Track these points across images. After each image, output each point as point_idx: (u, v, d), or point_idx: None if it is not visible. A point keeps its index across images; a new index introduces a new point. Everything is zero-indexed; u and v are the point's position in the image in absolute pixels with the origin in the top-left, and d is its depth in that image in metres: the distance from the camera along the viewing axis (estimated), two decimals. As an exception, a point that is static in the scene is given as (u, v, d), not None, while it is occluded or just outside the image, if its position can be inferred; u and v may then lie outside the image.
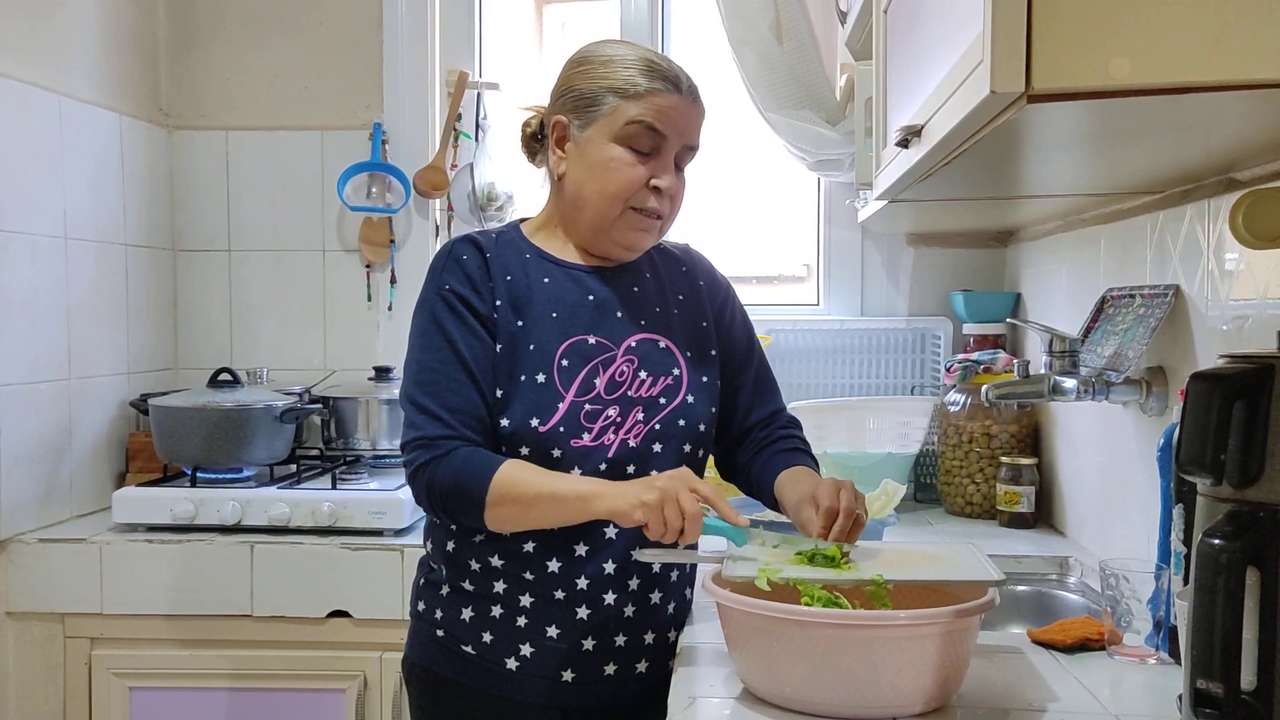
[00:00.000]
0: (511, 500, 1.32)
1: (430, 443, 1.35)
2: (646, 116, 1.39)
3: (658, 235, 1.49)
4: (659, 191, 1.42)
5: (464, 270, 1.42)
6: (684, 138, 1.43)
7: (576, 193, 1.44)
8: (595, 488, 1.30)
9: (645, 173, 1.41)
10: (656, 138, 1.41)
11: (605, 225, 1.44)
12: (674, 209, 1.47)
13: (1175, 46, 0.87)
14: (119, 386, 2.48)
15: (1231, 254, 1.39)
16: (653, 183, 1.41)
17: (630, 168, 1.40)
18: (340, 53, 2.68)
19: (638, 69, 1.41)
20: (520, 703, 1.41)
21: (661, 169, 1.42)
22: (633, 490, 1.28)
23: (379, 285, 2.70)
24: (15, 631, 2.14)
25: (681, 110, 1.41)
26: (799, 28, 2.51)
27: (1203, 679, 0.92)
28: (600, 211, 1.43)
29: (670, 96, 1.40)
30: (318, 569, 2.09)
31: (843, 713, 1.12)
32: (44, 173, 2.22)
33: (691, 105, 1.43)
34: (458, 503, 1.33)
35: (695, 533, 1.25)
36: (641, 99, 1.39)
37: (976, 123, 1.02)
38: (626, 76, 1.40)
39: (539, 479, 1.33)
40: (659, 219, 1.45)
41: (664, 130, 1.40)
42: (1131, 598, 1.31)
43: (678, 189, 1.46)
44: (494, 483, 1.31)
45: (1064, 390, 1.66)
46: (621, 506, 1.27)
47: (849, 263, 2.69)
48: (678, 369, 1.47)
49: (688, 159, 1.47)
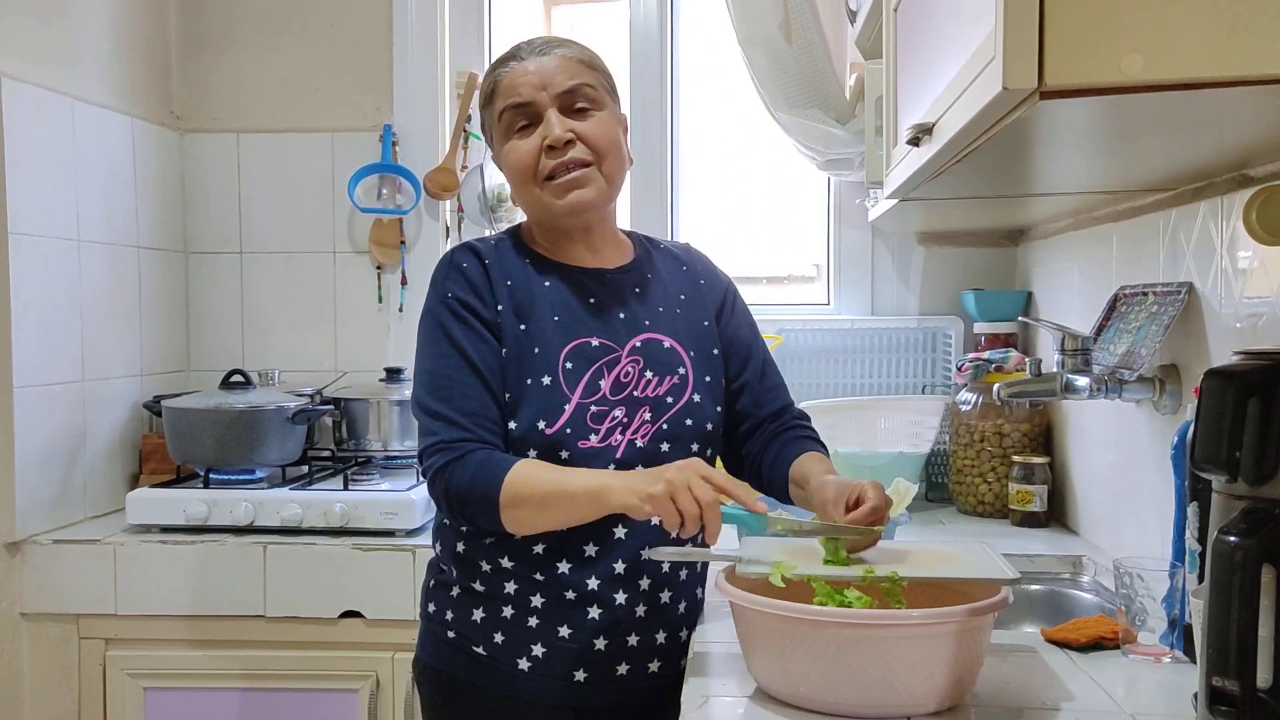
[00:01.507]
0: (525, 501, 1.31)
1: (447, 446, 1.35)
2: (508, 100, 1.42)
3: (595, 183, 1.42)
4: (552, 148, 1.40)
5: (465, 277, 1.42)
6: (548, 89, 1.41)
7: (516, 198, 1.49)
8: (605, 481, 1.30)
9: (535, 142, 1.41)
10: (523, 110, 1.42)
11: (539, 209, 1.45)
12: (595, 149, 1.41)
13: (1188, 42, 0.87)
14: (132, 388, 2.49)
15: (1245, 251, 1.38)
16: (546, 143, 1.40)
17: (520, 148, 1.42)
18: (350, 55, 2.69)
19: (493, 71, 1.46)
20: (533, 703, 1.41)
21: (544, 128, 1.41)
22: (640, 482, 1.27)
23: (390, 287, 2.70)
24: (30, 632, 2.15)
25: (528, 70, 1.42)
26: (808, 27, 2.51)
27: (1218, 677, 0.92)
28: (528, 201, 1.45)
29: (511, 69, 1.43)
30: (330, 570, 2.10)
31: (856, 712, 1.12)
32: (57, 176, 2.23)
33: (541, 60, 1.42)
34: (475, 506, 1.33)
35: (715, 520, 1.22)
36: (498, 91, 1.44)
37: (988, 120, 1.02)
38: (486, 85, 1.46)
39: (549, 477, 1.33)
40: (576, 170, 1.41)
41: (522, 98, 1.41)
42: (1146, 596, 1.30)
43: (588, 130, 1.41)
44: (507, 483, 1.31)
45: (1076, 388, 1.65)
46: (630, 500, 1.26)
47: (859, 262, 2.69)
48: (683, 368, 1.47)
49: (580, 99, 1.42)
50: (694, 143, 2.79)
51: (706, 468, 1.26)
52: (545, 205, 1.43)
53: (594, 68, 1.46)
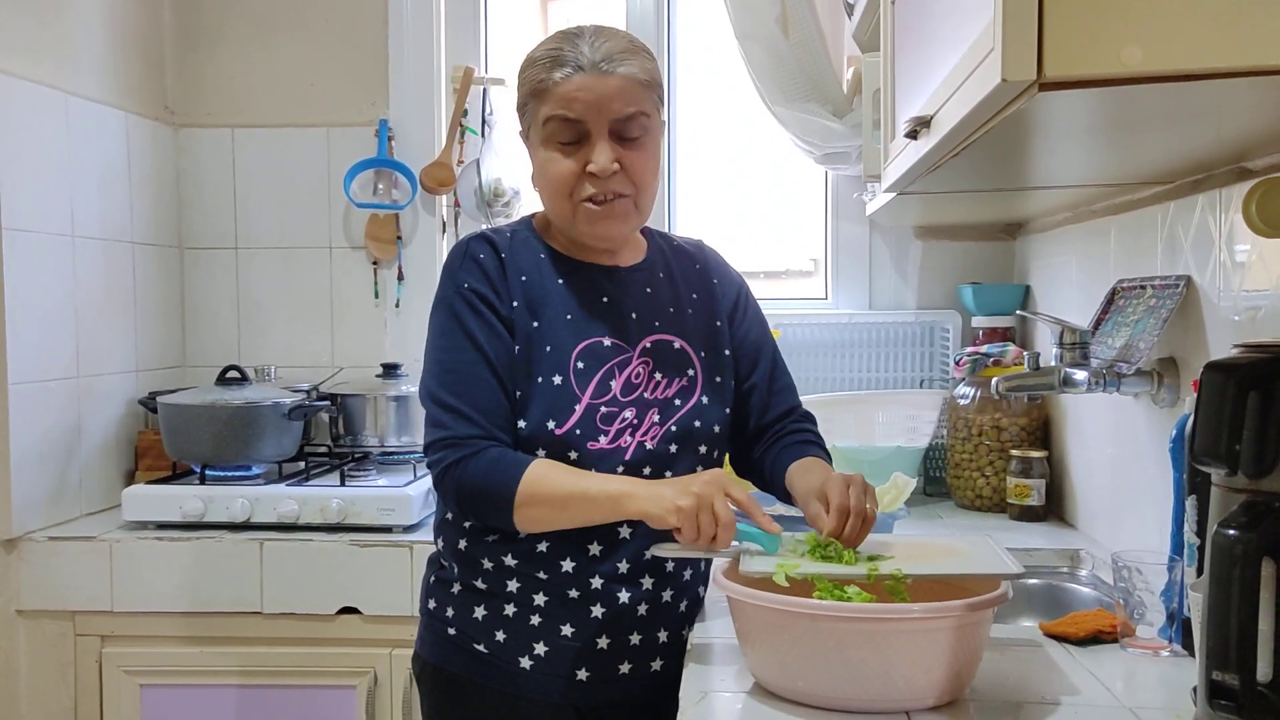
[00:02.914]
0: (542, 500, 1.30)
1: (460, 442, 1.33)
2: (558, 109, 1.34)
3: (628, 217, 1.41)
4: (595, 176, 1.35)
5: (481, 269, 1.40)
6: (605, 114, 1.34)
7: (541, 198, 1.44)
8: (627, 487, 1.29)
9: (577, 164, 1.36)
10: (575, 125, 1.35)
11: (568, 224, 1.41)
12: (635, 183, 1.38)
13: (1188, 33, 0.86)
14: (128, 384, 2.49)
15: (1243, 244, 1.38)
16: (588, 169, 1.36)
17: (559, 164, 1.36)
18: (346, 49, 2.68)
19: (545, 63, 1.36)
20: (535, 701, 1.40)
21: (591, 152, 1.35)
22: (668, 493, 1.25)
23: (386, 282, 2.70)
24: (26, 629, 2.14)
25: (590, 87, 1.33)
26: (805, 21, 2.50)
27: (1218, 671, 0.92)
28: (557, 212, 1.41)
29: (574, 79, 1.33)
30: (327, 566, 2.09)
31: (855, 706, 1.12)
32: (51, 171, 2.22)
33: (602, 78, 1.34)
34: (487, 503, 1.32)
35: (727, 540, 1.23)
36: (549, 94, 1.35)
37: (987, 112, 1.01)
38: (534, 76, 1.37)
39: (569, 478, 1.31)
40: (614, 199, 1.37)
41: (577, 115, 1.34)
42: (1144, 590, 1.30)
43: (632, 161, 1.37)
44: (524, 482, 1.30)
45: (1075, 382, 1.65)
46: (655, 510, 1.25)
47: (857, 256, 2.68)
48: (692, 370, 1.46)
49: (634, 128, 1.37)
50: (691, 137, 2.78)
51: (730, 483, 1.25)
52: (574, 222, 1.40)
53: (652, 85, 1.39)
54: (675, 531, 1.24)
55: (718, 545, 1.23)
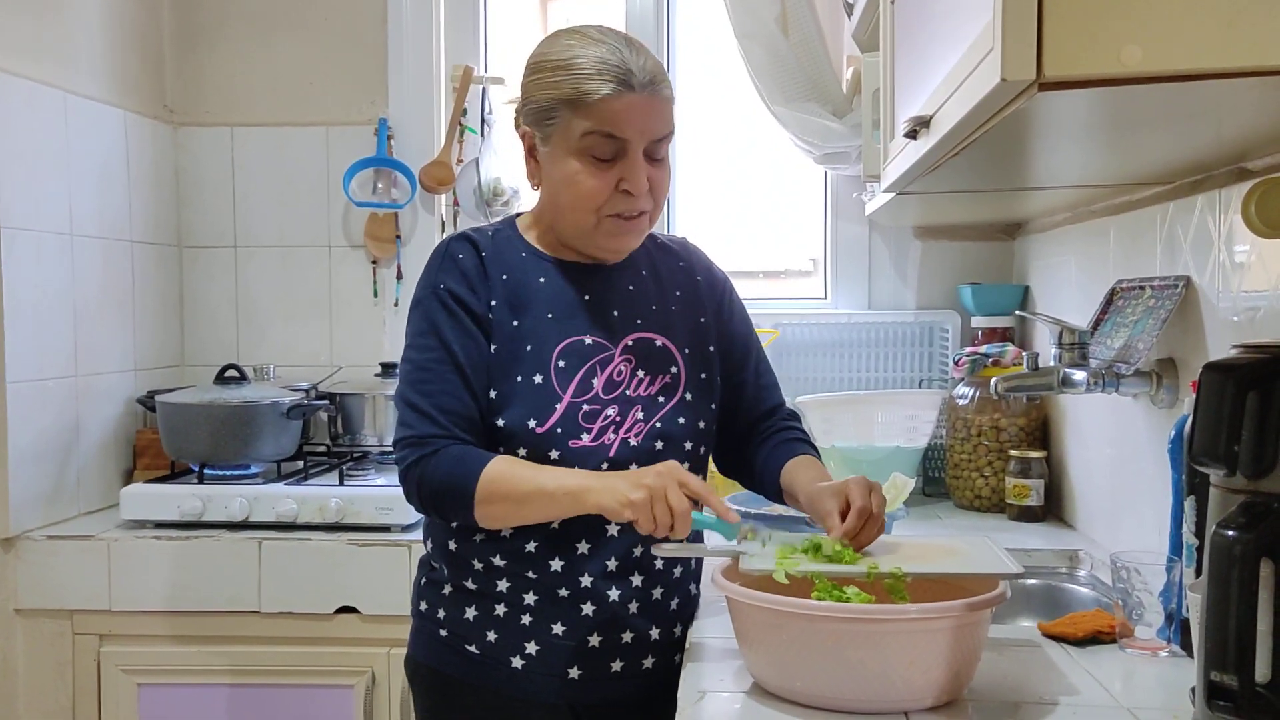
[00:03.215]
0: (501, 497, 1.31)
1: (421, 441, 1.34)
2: (602, 126, 1.32)
3: (644, 231, 1.43)
4: (629, 194, 1.35)
5: (460, 269, 1.40)
6: (647, 134, 1.34)
7: (552, 203, 1.41)
8: (583, 481, 1.29)
9: (611, 180, 1.34)
10: (616, 143, 1.33)
11: (585, 235, 1.40)
12: (657, 202, 1.40)
13: (1188, 33, 0.86)
14: (126, 383, 2.48)
15: (1242, 245, 1.38)
16: (622, 187, 1.35)
17: (594, 179, 1.34)
18: (345, 48, 2.67)
19: (586, 73, 1.31)
20: (528, 701, 1.40)
21: (628, 171, 1.34)
22: (621, 486, 1.26)
23: (385, 281, 2.70)
24: (24, 628, 2.14)
25: (638, 108, 1.32)
26: (805, 20, 2.50)
27: (1216, 671, 0.92)
28: (575, 223, 1.39)
29: (624, 97, 1.31)
30: (325, 565, 2.09)
31: (853, 707, 1.12)
32: (50, 170, 2.22)
33: (650, 99, 1.33)
34: (448, 500, 1.33)
35: (684, 529, 1.24)
36: (593, 108, 1.31)
37: (986, 111, 1.01)
38: (574, 85, 1.32)
39: (527, 474, 1.32)
40: (641, 215, 1.39)
41: (622, 134, 1.32)
42: (1143, 590, 1.30)
43: (658, 179, 1.38)
44: (483, 479, 1.31)
45: (1073, 383, 1.65)
46: (609, 503, 1.25)
47: (856, 256, 2.68)
48: (675, 367, 1.46)
49: (663, 148, 1.38)
50: (691, 137, 2.78)
51: (684, 474, 1.26)
52: (593, 233, 1.39)
53: (672, 102, 1.39)
54: (635, 525, 1.25)
55: (675, 535, 1.24)
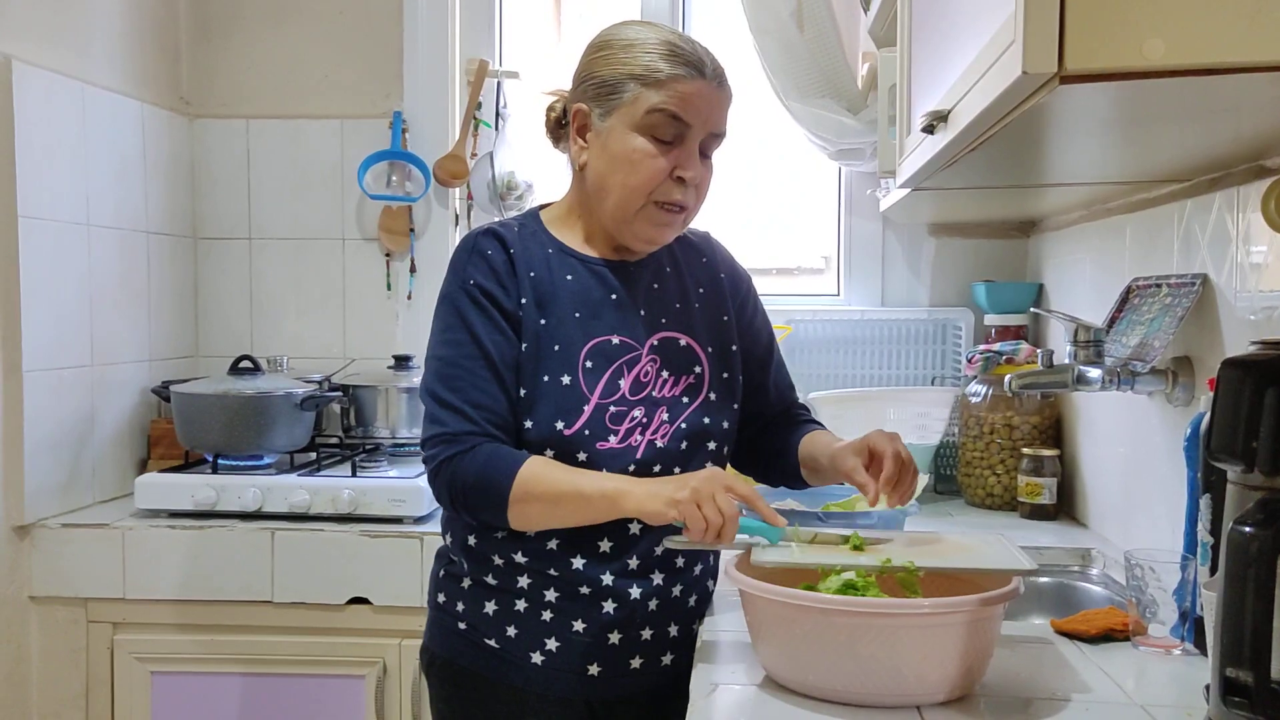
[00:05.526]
0: (536, 498, 1.30)
1: (454, 438, 1.33)
2: (669, 104, 1.34)
3: (681, 227, 1.44)
4: (683, 182, 1.37)
5: (489, 264, 1.38)
6: (709, 125, 1.37)
7: (599, 183, 1.40)
8: (622, 485, 1.29)
9: (668, 163, 1.36)
10: (680, 126, 1.35)
11: (627, 217, 1.39)
12: (699, 199, 1.42)
13: (1210, 26, 0.86)
14: (141, 373, 2.49)
15: (1261, 243, 1.37)
16: (677, 173, 1.36)
17: (653, 159, 1.35)
18: (360, 41, 2.68)
19: (660, 53, 1.35)
20: (545, 696, 1.40)
21: (686, 158, 1.36)
22: (665, 489, 1.26)
23: (398, 274, 2.70)
24: (39, 616, 2.15)
25: (706, 96, 1.35)
26: (821, 15, 2.50)
27: (1232, 668, 0.92)
28: (622, 204, 1.38)
29: (694, 82, 1.34)
30: (337, 556, 2.10)
31: (866, 701, 1.12)
32: (67, 160, 2.23)
33: (717, 90, 1.37)
34: (481, 499, 1.32)
35: (732, 534, 1.23)
36: (663, 86, 1.34)
37: (1006, 105, 1.01)
38: (648, 62, 1.35)
39: (564, 476, 1.31)
40: (682, 210, 1.40)
41: (687, 118, 1.35)
42: (1157, 588, 1.29)
43: (704, 178, 1.41)
44: (518, 480, 1.30)
45: (1089, 380, 1.64)
46: (652, 506, 1.25)
47: (870, 253, 2.68)
48: (699, 367, 1.46)
49: (714, 146, 1.40)
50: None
51: (731, 478, 1.26)
52: (635, 218, 1.39)
53: (730, 103, 1.43)
54: (685, 530, 1.25)
55: (723, 540, 1.23)
